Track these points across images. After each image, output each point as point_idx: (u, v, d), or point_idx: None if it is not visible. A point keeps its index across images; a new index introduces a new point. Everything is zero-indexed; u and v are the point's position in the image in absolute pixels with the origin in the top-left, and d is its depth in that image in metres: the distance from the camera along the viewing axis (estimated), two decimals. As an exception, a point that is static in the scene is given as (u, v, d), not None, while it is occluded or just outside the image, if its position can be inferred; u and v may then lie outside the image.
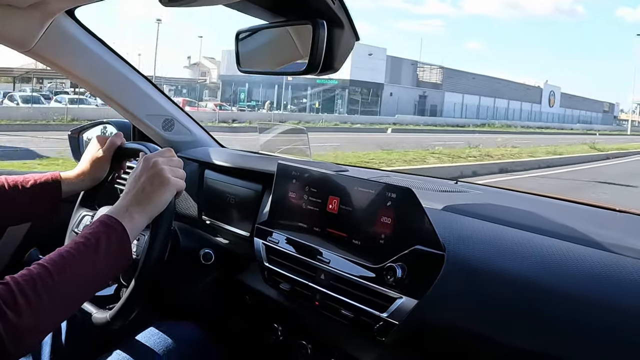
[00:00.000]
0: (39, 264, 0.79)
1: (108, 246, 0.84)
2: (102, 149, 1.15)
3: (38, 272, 0.77)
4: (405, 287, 0.84)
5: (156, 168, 0.94)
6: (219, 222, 1.33)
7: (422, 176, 1.38)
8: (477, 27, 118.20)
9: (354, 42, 0.89)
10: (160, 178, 0.93)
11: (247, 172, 1.29)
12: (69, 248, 0.82)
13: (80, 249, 0.82)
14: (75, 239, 0.84)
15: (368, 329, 0.88)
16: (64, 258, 0.80)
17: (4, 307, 0.72)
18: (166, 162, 0.96)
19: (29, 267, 0.78)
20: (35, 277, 0.76)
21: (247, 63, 1.02)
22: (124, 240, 0.87)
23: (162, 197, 0.93)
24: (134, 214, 0.90)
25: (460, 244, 0.85)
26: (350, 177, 0.98)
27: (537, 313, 0.74)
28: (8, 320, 0.71)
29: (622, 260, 0.75)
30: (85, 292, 0.84)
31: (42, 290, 0.75)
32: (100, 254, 0.83)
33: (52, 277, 0.77)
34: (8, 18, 1.17)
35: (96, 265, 0.83)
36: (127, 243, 0.87)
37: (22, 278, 0.75)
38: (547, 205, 1.14)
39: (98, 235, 0.84)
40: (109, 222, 0.87)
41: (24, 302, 0.73)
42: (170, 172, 0.95)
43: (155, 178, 0.93)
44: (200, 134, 1.57)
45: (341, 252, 0.94)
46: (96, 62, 1.35)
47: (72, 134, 1.71)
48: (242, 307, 1.25)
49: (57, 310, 0.79)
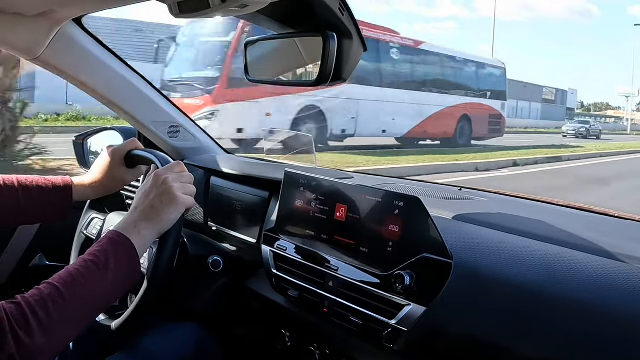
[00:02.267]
0: (50, 283, 0.79)
1: (117, 264, 0.85)
2: (110, 159, 1.15)
3: (49, 293, 0.77)
4: (414, 294, 0.85)
5: (166, 185, 0.95)
6: (226, 228, 1.34)
7: (427, 183, 1.39)
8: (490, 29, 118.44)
9: (362, 52, 0.91)
10: (170, 196, 0.94)
11: (253, 179, 1.30)
12: (78, 267, 0.82)
13: (90, 268, 0.83)
14: (84, 257, 0.85)
15: (377, 336, 0.89)
16: (73, 277, 0.81)
17: (17, 327, 0.72)
18: (177, 179, 0.97)
19: (38, 286, 0.79)
20: (46, 298, 0.77)
21: (255, 72, 1.03)
22: (132, 256, 0.88)
23: (171, 215, 0.94)
24: (142, 230, 0.91)
25: (468, 252, 0.86)
26: (357, 185, 0.99)
27: (544, 321, 0.75)
28: (20, 340, 0.72)
29: (627, 269, 0.76)
30: (96, 309, 0.85)
31: (53, 310, 0.76)
32: (110, 271, 0.84)
33: (62, 297, 0.78)
34: (16, 26, 1.17)
35: (106, 283, 0.84)
36: (135, 259, 0.88)
37: (33, 298, 0.76)
38: (552, 212, 1.15)
39: (107, 254, 0.85)
40: (117, 239, 0.88)
41: (36, 322, 0.74)
42: (181, 189, 0.96)
43: (165, 195, 0.94)
44: (206, 141, 1.58)
45: (349, 260, 0.95)
46: (103, 70, 1.36)
47: (76, 139, 1.72)
48: (250, 314, 1.26)
49: (68, 329, 0.79)
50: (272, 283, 1.10)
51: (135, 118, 1.45)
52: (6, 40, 1.19)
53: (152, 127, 1.48)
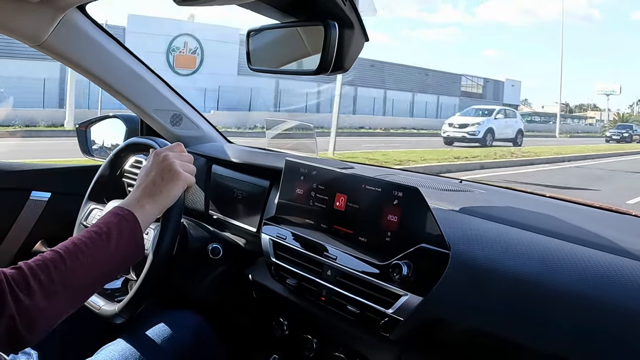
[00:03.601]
0: (52, 249, 0.80)
1: (120, 235, 0.85)
2: None
3: (51, 257, 0.78)
4: (411, 284, 0.85)
5: (167, 162, 0.95)
6: (226, 217, 1.35)
7: (428, 174, 1.40)
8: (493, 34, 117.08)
9: (364, 42, 0.90)
10: (171, 172, 0.95)
11: (254, 167, 1.30)
12: (81, 236, 0.83)
13: (92, 237, 0.83)
14: (88, 229, 0.85)
15: (373, 325, 0.90)
16: (76, 245, 0.81)
17: (17, 289, 0.73)
18: (177, 157, 0.97)
19: (42, 253, 0.80)
20: (48, 262, 0.77)
21: (257, 61, 1.03)
22: (136, 230, 0.88)
23: (173, 190, 0.94)
24: (146, 205, 0.91)
25: (465, 243, 0.86)
26: (357, 175, 1.00)
27: (541, 312, 0.75)
28: (21, 302, 0.73)
29: (625, 263, 0.76)
30: (97, 280, 0.85)
31: (55, 275, 0.77)
32: (112, 242, 0.84)
33: (64, 263, 0.78)
34: (20, 13, 1.18)
35: (108, 254, 0.84)
36: (139, 233, 0.88)
37: (35, 263, 0.77)
38: (551, 205, 1.16)
39: (110, 225, 0.85)
40: (120, 212, 0.88)
41: (37, 285, 0.75)
42: (181, 166, 0.96)
43: (166, 172, 0.94)
44: (208, 130, 1.58)
45: (347, 249, 0.96)
46: (106, 57, 1.37)
47: (79, 127, 1.73)
48: (249, 302, 1.27)
49: (69, 296, 0.80)
50: (271, 271, 1.11)
51: (137, 105, 1.46)
52: (10, 26, 1.20)
53: (154, 114, 1.48)
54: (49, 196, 1.59)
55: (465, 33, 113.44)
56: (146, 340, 1.07)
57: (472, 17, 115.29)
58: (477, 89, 37.38)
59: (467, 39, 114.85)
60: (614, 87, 46.91)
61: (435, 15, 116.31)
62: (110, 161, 1.29)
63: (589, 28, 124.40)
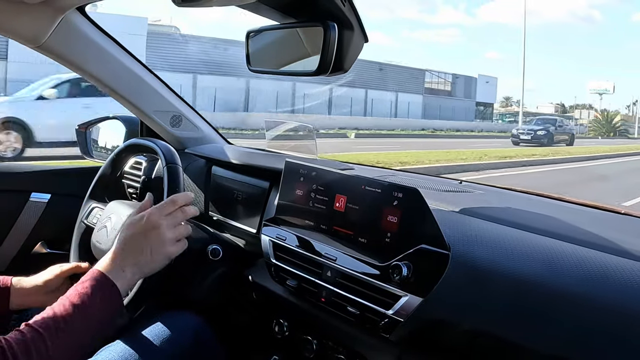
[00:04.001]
0: (32, 327, 0.79)
1: (101, 307, 0.86)
2: (57, 275, 1.11)
3: (32, 337, 0.78)
4: (411, 285, 0.85)
5: (157, 231, 0.94)
6: (226, 218, 1.35)
7: (427, 175, 1.40)
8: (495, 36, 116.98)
9: (363, 43, 0.91)
10: (162, 244, 0.94)
11: (254, 169, 1.30)
12: (60, 309, 0.83)
13: (71, 313, 0.83)
14: (69, 297, 0.85)
15: (373, 326, 0.90)
16: (56, 322, 0.81)
17: None
18: (170, 225, 0.96)
19: (19, 328, 0.79)
20: (29, 343, 0.77)
21: (256, 63, 1.03)
22: (116, 301, 0.89)
23: (161, 262, 0.95)
24: (129, 274, 0.91)
25: (465, 244, 0.86)
26: (357, 176, 1.00)
27: (542, 313, 0.75)
28: None
29: (625, 264, 0.76)
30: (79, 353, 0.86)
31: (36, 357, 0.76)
32: (94, 317, 0.85)
33: (45, 344, 0.78)
34: (20, 14, 1.18)
35: (89, 328, 0.85)
36: (118, 301, 0.89)
37: (16, 342, 0.76)
38: (550, 206, 1.16)
39: (88, 295, 0.85)
40: (101, 279, 0.88)
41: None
42: (173, 237, 0.96)
43: (155, 245, 0.93)
44: (208, 131, 1.58)
45: (347, 250, 0.96)
46: (105, 58, 1.37)
47: (79, 128, 1.73)
48: (249, 303, 1.27)
49: None
50: (271, 272, 1.11)
51: (137, 107, 1.46)
52: (10, 27, 1.20)
53: (154, 116, 1.48)
54: (48, 198, 1.59)
55: (465, 34, 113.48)
56: (146, 341, 1.07)
57: (473, 18, 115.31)
58: (445, 85, 34.15)
59: (467, 40, 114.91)
60: (607, 85, 45.50)
61: (435, 17, 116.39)
62: (111, 161, 1.29)
63: (589, 28, 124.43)
